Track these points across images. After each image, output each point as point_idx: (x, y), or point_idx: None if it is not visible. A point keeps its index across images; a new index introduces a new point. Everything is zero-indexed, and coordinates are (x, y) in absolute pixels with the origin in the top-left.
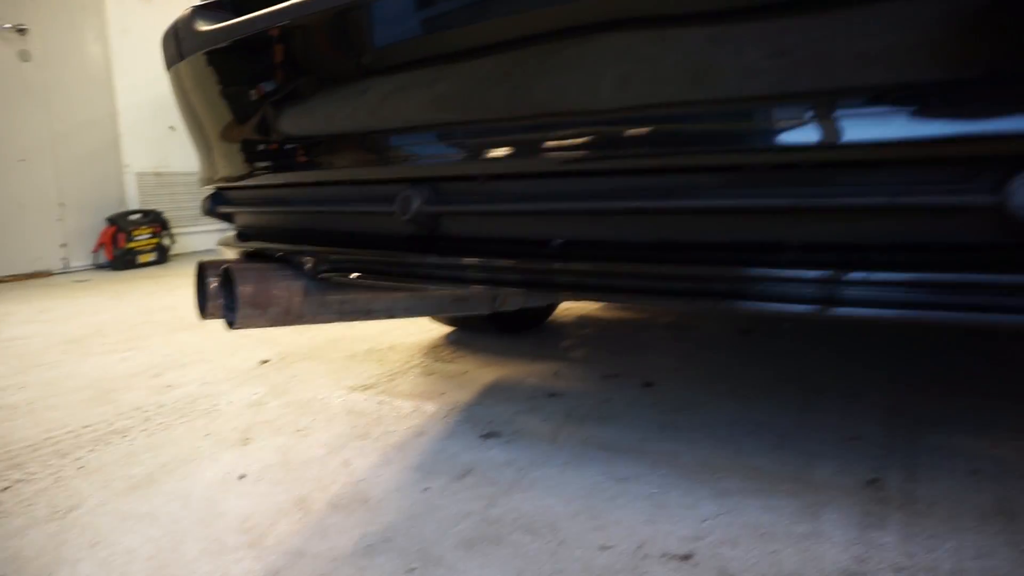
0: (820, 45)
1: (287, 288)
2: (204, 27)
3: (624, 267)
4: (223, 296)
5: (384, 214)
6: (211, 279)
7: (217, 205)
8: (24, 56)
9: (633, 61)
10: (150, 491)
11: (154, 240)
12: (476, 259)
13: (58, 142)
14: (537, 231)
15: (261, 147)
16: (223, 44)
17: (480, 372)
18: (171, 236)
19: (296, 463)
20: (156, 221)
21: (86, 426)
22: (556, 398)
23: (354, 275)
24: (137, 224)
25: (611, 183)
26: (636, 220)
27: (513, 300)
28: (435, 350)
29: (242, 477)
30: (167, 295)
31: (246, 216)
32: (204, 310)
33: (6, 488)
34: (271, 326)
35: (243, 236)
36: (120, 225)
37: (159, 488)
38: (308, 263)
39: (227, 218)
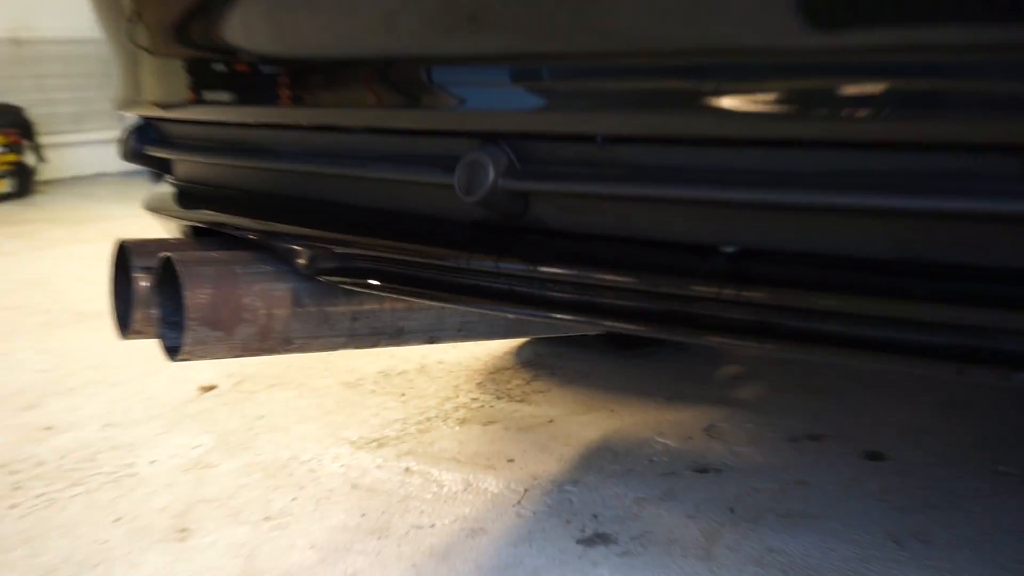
0: None
1: (266, 295)
2: None
3: (851, 302)
4: (160, 303)
5: (433, 187)
6: (139, 273)
7: (145, 144)
8: None
9: None
10: None
11: (9, 158)
12: (587, 272)
13: None
14: (696, 230)
15: (231, 59)
16: None
17: (575, 421)
18: (39, 150)
19: None
20: (13, 124)
21: None
22: (710, 475)
23: (373, 282)
24: None
25: (845, 158)
26: (878, 225)
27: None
28: (498, 377)
29: None
30: (35, 258)
31: (196, 167)
32: (126, 324)
33: None
34: (239, 355)
35: (189, 199)
36: None
37: None
38: (302, 256)
39: (160, 167)
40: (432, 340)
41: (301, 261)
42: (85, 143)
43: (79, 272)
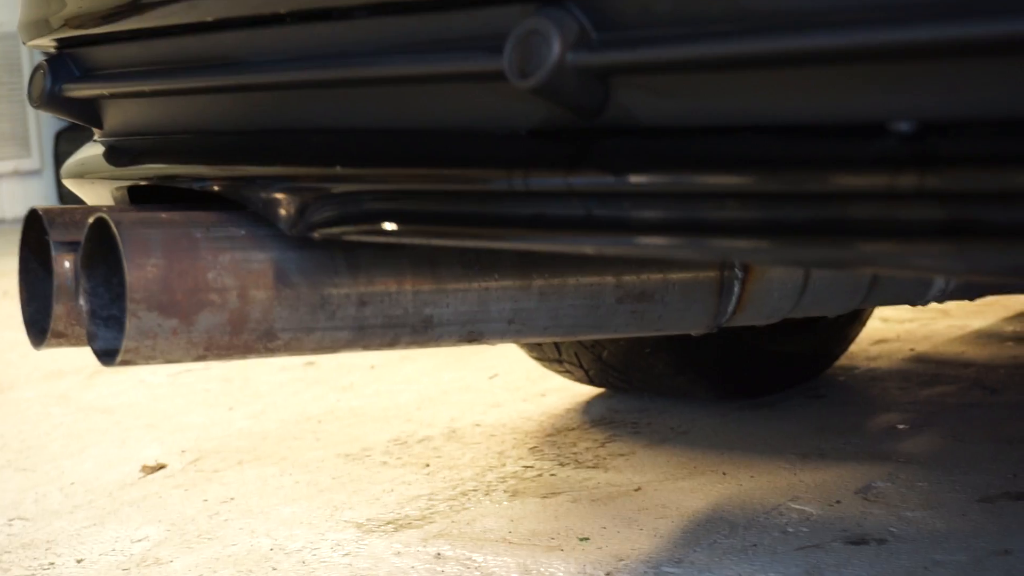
0: None
1: (238, 269)
2: None
3: None
4: (89, 290)
5: (472, 81)
6: (60, 252)
7: (64, 83)
8: None
9: None
10: None
11: None
12: (700, 176)
13: None
14: (858, 103)
15: None
16: None
17: (672, 488)
18: None
19: None
20: None
21: None
22: (870, 547)
23: (390, 226)
24: None
25: None
26: None
27: (768, 298)
28: (560, 440)
29: None
30: None
31: (135, 111)
32: (42, 326)
33: None
34: (202, 356)
35: (127, 154)
36: None
37: None
38: (286, 206)
39: (86, 116)
40: (472, 337)
41: (285, 213)
42: None
43: None
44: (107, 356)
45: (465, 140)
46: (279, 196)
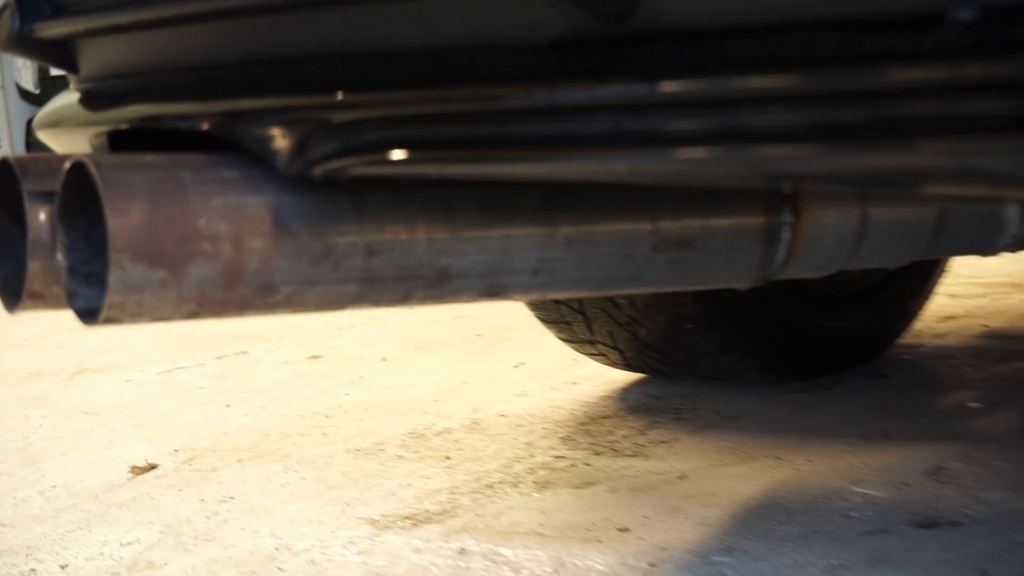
0: None
1: (232, 214)
2: None
3: None
4: (68, 244)
5: None
6: (35, 200)
7: (37, 22)
8: None
9: None
10: None
11: None
12: (740, 78)
13: None
14: None
15: None
16: None
17: (720, 475)
18: None
19: None
20: None
21: None
22: (944, 530)
23: (399, 154)
24: None
25: None
26: None
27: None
28: (594, 428)
29: None
30: None
31: (116, 49)
32: (16, 288)
33: None
34: (193, 314)
35: (105, 97)
36: None
37: None
38: (284, 140)
39: (60, 60)
40: (493, 291)
41: (282, 149)
42: None
43: None
44: (89, 315)
45: (480, 55)
46: (274, 131)
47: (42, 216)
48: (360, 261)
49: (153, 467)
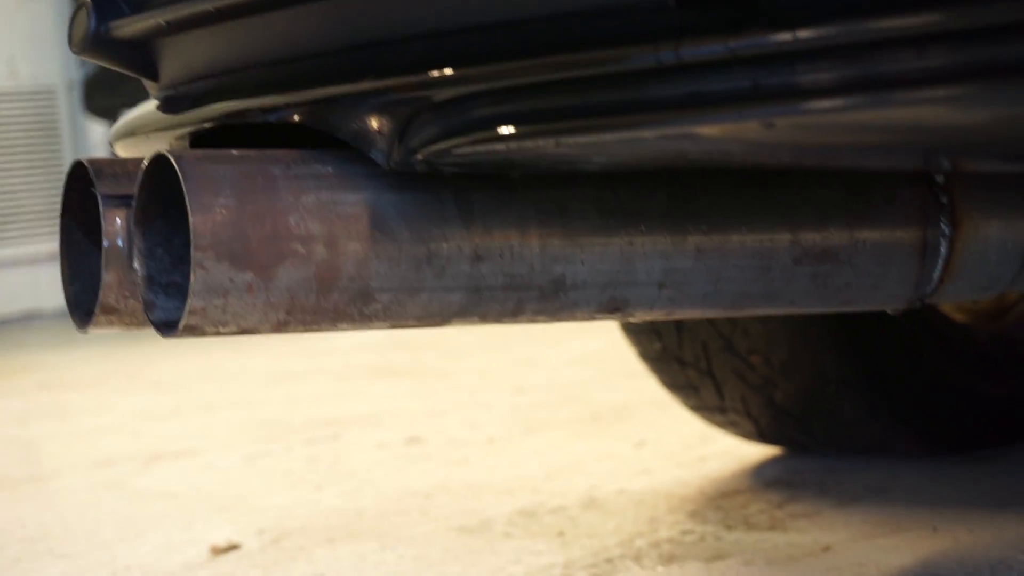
0: None
1: (326, 212)
2: None
3: None
4: (146, 251)
5: None
6: (110, 205)
7: (114, 20)
8: None
9: None
10: None
11: None
12: (889, 21)
13: None
14: None
15: None
16: None
17: (870, 546)
18: None
19: None
20: None
21: None
22: None
23: (509, 129)
24: None
25: None
26: None
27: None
28: (726, 503)
29: None
30: None
31: (197, 43)
32: (89, 303)
33: None
34: (282, 326)
35: (188, 100)
36: None
37: None
38: (382, 129)
39: (138, 65)
40: (614, 305)
41: (381, 136)
42: (7, 263)
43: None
44: (168, 327)
45: (599, 17)
46: (372, 117)
47: (118, 222)
48: (466, 267)
49: (235, 547)
